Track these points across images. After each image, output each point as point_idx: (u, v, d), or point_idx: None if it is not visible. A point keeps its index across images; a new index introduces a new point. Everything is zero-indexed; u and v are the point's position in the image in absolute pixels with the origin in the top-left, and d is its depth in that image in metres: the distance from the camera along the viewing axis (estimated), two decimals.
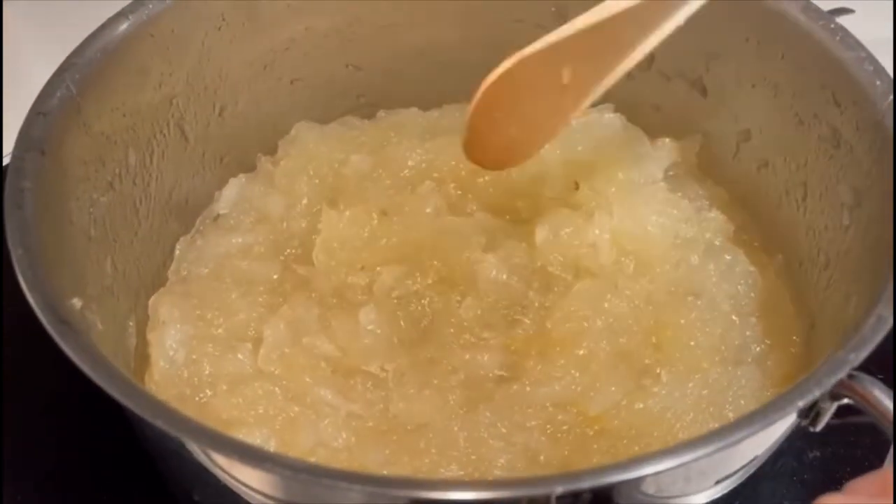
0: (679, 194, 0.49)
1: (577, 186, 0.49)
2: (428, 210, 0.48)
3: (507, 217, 0.49)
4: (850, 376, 0.30)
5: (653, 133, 0.52)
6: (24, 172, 0.34)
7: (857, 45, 0.38)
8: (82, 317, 0.34)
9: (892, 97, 0.35)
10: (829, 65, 0.39)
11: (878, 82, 0.36)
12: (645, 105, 0.52)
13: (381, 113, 0.55)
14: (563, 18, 0.52)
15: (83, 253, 0.37)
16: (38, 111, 0.35)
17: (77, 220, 0.37)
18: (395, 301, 0.44)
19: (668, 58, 0.49)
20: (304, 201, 0.49)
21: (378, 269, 0.45)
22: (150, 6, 0.42)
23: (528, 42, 0.53)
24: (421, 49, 0.54)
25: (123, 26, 0.40)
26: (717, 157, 0.50)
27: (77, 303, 0.33)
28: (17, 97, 0.39)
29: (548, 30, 0.52)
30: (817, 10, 0.40)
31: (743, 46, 0.45)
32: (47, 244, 0.33)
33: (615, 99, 0.53)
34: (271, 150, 0.53)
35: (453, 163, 0.50)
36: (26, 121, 0.35)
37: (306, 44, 0.51)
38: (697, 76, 0.48)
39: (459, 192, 0.50)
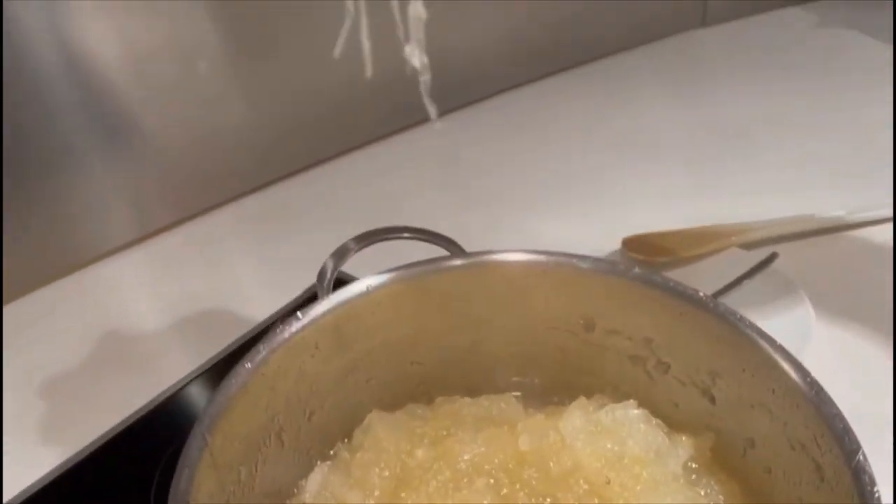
0: (696, 488, 0.57)
1: (608, 481, 0.57)
2: None
3: None
4: None
5: (673, 426, 0.61)
6: None
7: (829, 401, 0.47)
8: None
9: (858, 457, 0.44)
10: (808, 411, 0.48)
11: (846, 439, 0.45)
12: (666, 402, 0.61)
13: (438, 399, 0.65)
14: (590, 329, 0.62)
15: None
16: (184, 466, 0.45)
17: None
18: None
19: (681, 367, 0.59)
20: (377, 493, 0.58)
21: None
22: (263, 351, 0.53)
23: (561, 345, 0.64)
24: (469, 347, 0.65)
25: (244, 374, 0.51)
26: (728, 455, 0.58)
27: None
28: None
29: (578, 337, 0.63)
30: (799, 366, 0.49)
31: (741, 373, 0.54)
32: None
33: (639, 396, 0.62)
34: (347, 434, 0.63)
35: (502, 455, 0.59)
36: (175, 477, 0.45)
37: (381, 352, 0.62)
38: (706, 387, 0.58)
39: (508, 483, 0.58)
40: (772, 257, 0.84)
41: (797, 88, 1.24)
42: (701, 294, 0.56)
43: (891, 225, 0.93)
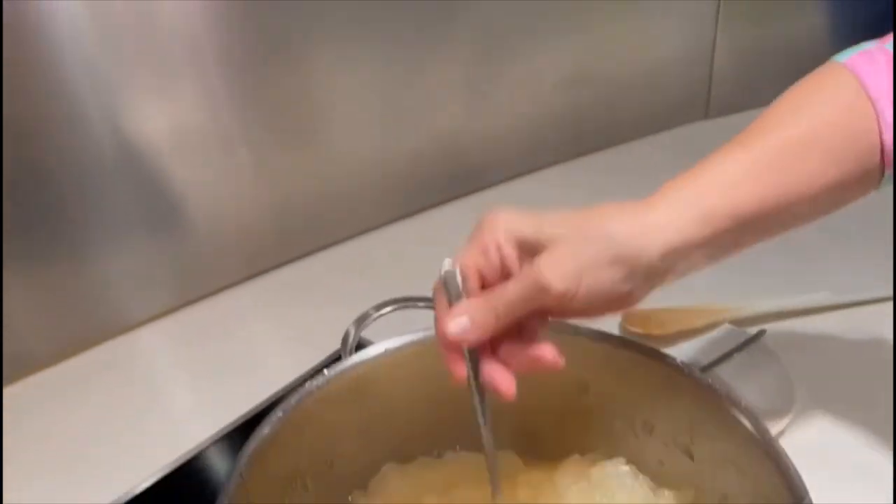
0: None
1: None
2: None
3: None
4: None
5: (658, 480, 0.67)
6: None
7: (782, 453, 0.53)
8: None
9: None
10: (768, 465, 0.54)
11: (796, 484, 0.51)
12: (651, 460, 0.67)
13: (447, 454, 0.72)
14: (584, 392, 0.69)
15: None
16: (223, 498, 0.52)
17: None
18: None
19: (665, 428, 0.66)
20: None
21: None
22: (293, 401, 0.61)
23: (558, 407, 0.71)
24: None
25: (276, 421, 0.59)
26: None
27: None
28: None
29: (573, 399, 0.70)
30: (756, 420, 0.56)
31: (714, 431, 0.61)
32: None
33: (628, 453, 0.69)
34: (364, 483, 0.70)
35: None
36: None
37: (397, 409, 0.69)
38: (686, 445, 0.64)
39: None
40: (760, 334, 0.91)
41: None
42: (679, 361, 0.63)
43: (879, 306, 0.99)
